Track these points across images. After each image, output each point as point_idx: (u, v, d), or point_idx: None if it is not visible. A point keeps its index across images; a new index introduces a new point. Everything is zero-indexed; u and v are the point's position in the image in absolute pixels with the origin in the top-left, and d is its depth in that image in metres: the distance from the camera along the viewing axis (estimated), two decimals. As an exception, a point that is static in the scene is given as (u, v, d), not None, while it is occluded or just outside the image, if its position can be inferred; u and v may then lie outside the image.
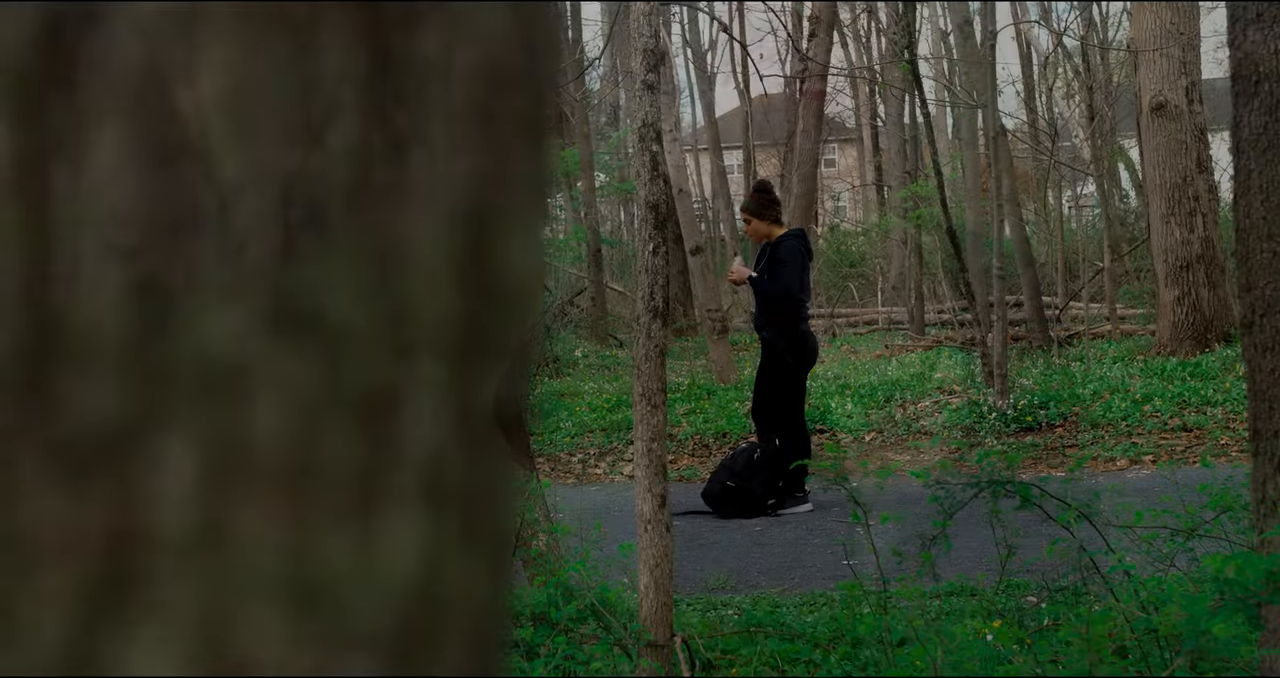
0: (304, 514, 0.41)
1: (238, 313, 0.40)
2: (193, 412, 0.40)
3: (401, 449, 0.43)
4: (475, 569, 0.45)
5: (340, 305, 0.42)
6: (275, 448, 0.41)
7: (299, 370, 0.41)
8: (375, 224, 0.42)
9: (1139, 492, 7.47)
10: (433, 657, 0.44)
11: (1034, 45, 23.37)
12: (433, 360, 0.43)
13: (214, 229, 0.40)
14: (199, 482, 0.40)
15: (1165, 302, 13.53)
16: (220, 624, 0.40)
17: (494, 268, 0.45)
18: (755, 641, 5.68)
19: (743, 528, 8.78)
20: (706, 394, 13.08)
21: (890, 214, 22.11)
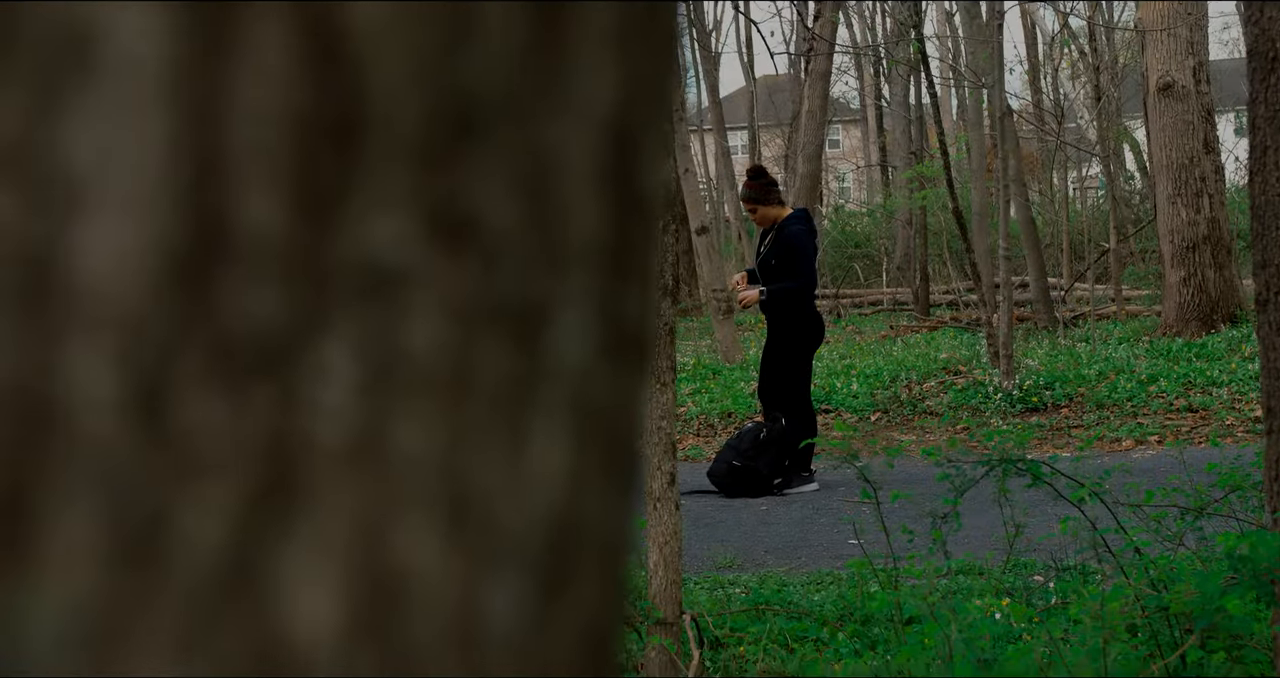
0: (458, 425, 0.41)
1: (397, 218, 0.40)
2: (354, 318, 0.40)
3: (550, 361, 0.43)
4: (611, 495, 0.45)
5: (496, 213, 0.41)
6: (432, 357, 0.41)
7: (456, 278, 0.41)
8: (530, 131, 0.42)
9: (1145, 472, 7.48)
10: (575, 583, 0.44)
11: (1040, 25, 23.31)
12: (582, 272, 0.43)
13: (374, 133, 0.40)
14: (360, 389, 0.40)
15: (1171, 282, 13.52)
16: (378, 533, 0.40)
17: (636, 183, 0.45)
18: (763, 619, 5.69)
19: (749, 507, 8.80)
20: (712, 374, 13.08)
21: (895, 195, 22.09)
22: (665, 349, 5.08)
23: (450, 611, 0.41)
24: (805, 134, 16.04)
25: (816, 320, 9.20)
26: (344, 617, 0.40)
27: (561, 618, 0.44)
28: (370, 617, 0.40)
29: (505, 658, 0.42)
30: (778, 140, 33.07)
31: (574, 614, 0.44)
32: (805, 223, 9.17)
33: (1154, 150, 13.89)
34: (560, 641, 0.43)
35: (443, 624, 0.41)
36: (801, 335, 9.08)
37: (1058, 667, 3.62)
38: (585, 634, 0.45)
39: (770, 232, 9.14)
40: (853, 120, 42.31)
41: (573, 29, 0.42)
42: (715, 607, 5.84)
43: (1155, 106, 13.53)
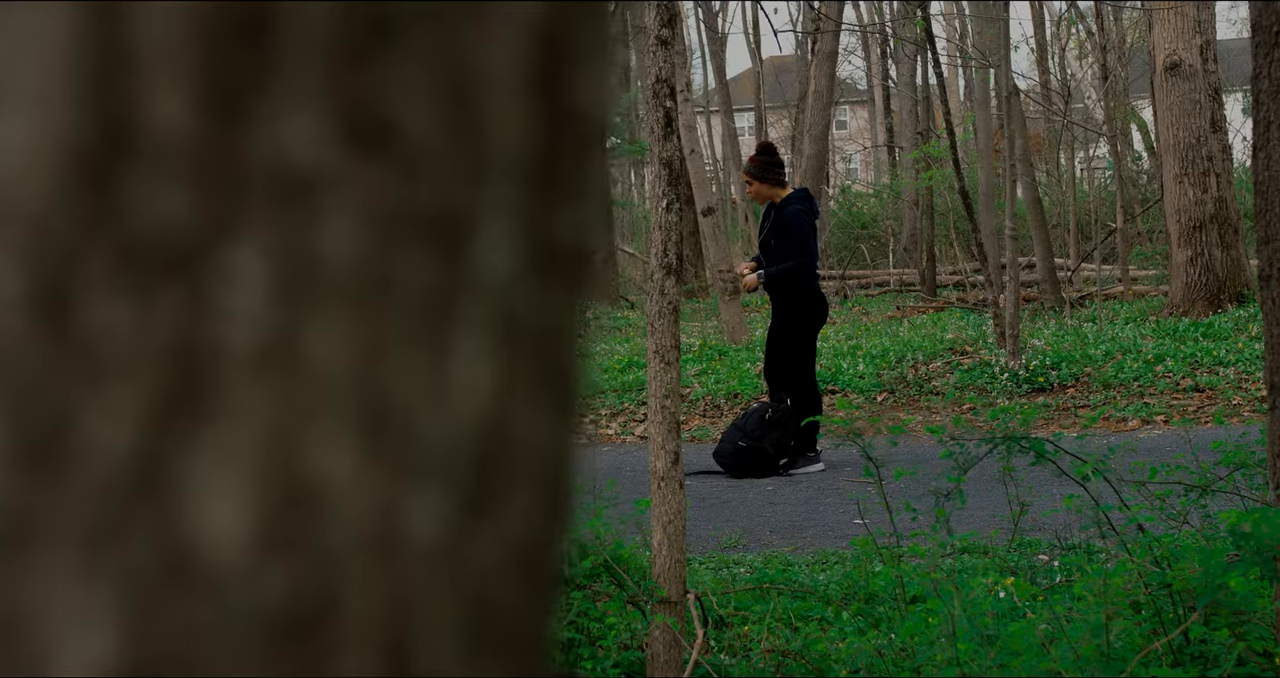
0: (376, 334, 0.41)
1: (311, 118, 0.39)
2: (266, 222, 0.39)
3: (473, 275, 0.42)
4: (545, 411, 0.44)
5: (416, 119, 0.40)
6: (348, 264, 0.40)
7: (374, 184, 0.40)
8: (450, 34, 0.41)
9: (1151, 451, 7.47)
10: (504, 500, 0.43)
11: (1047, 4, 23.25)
12: (507, 185, 0.42)
13: (284, 30, 0.39)
14: (271, 295, 0.39)
15: (1178, 262, 13.50)
16: (291, 441, 0.40)
17: (567, 94, 0.44)
18: (768, 598, 5.69)
19: (755, 487, 8.80)
20: (718, 355, 13.07)
21: (902, 175, 22.05)
22: (669, 328, 5.07)
23: (368, 521, 0.41)
24: (811, 115, 16.03)
25: (819, 300, 9.19)
26: (254, 525, 0.39)
27: (488, 533, 0.43)
28: (282, 526, 0.39)
29: (427, 570, 0.41)
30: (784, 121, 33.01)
31: (502, 530, 0.43)
32: (804, 202, 9.19)
33: (1161, 130, 13.86)
34: (486, 555, 0.43)
35: (360, 535, 0.40)
36: (804, 315, 9.08)
37: (1060, 643, 3.62)
38: (515, 551, 0.44)
39: (770, 211, 9.19)
40: (860, 101, 42.25)
41: None
42: (720, 586, 5.84)
43: (1162, 85, 13.49)
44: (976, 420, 8.44)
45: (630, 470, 8.73)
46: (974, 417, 9.36)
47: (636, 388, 11.83)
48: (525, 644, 0.44)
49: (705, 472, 9.21)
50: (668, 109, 5.07)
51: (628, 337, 15.32)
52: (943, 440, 4.87)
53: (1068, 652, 3.57)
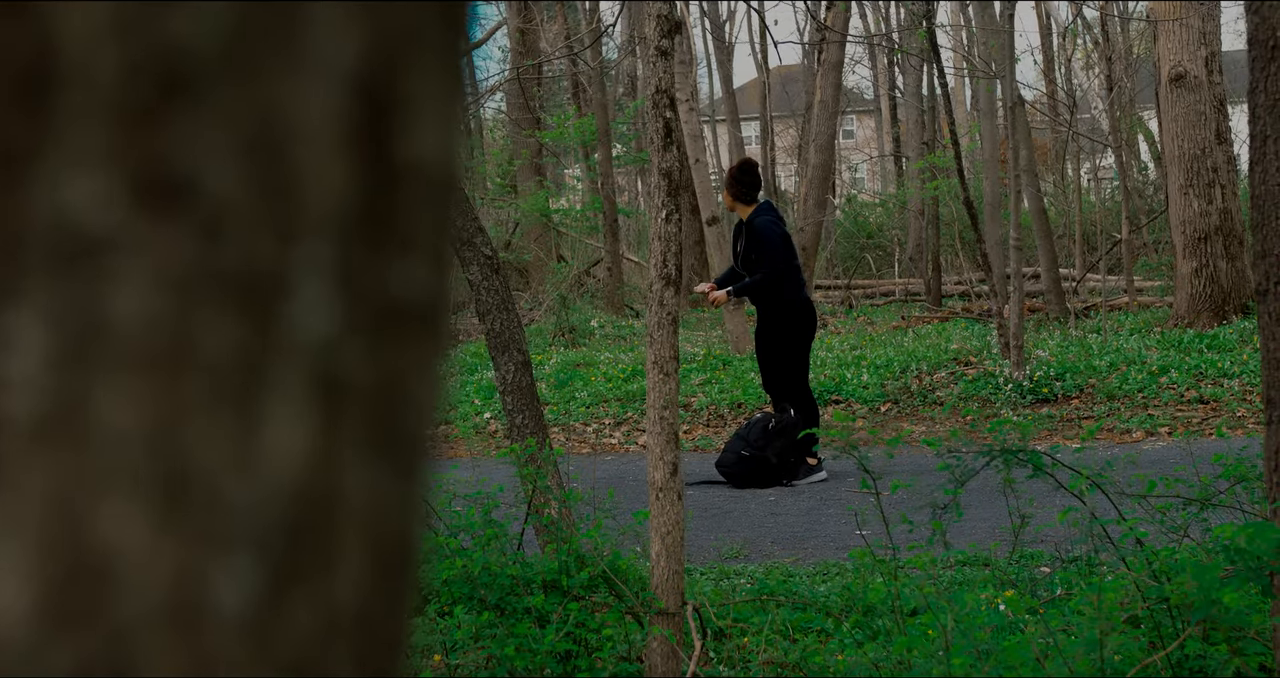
0: (173, 400, 0.39)
1: (97, 179, 0.38)
2: (47, 286, 0.38)
3: (287, 336, 0.40)
4: (379, 473, 0.42)
5: (216, 177, 0.39)
6: (140, 328, 0.38)
7: (170, 245, 0.39)
8: (254, 90, 0.39)
9: (1154, 463, 7.45)
10: (327, 565, 0.41)
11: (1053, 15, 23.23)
12: (324, 242, 0.41)
13: (66, 88, 0.37)
14: (53, 362, 0.38)
15: (1183, 273, 13.47)
16: (77, 512, 0.38)
17: (397, 148, 0.42)
18: (767, 609, 5.68)
19: (757, 498, 8.79)
20: (722, 364, 13.07)
21: (908, 185, 22.04)
22: (668, 339, 5.07)
23: (166, 592, 0.39)
24: (817, 124, 16.02)
25: (805, 309, 9.20)
26: (37, 599, 0.38)
27: (306, 601, 0.41)
28: (68, 599, 0.38)
29: (236, 641, 0.40)
30: (791, 131, 33.00)
31: (325, 597, 0.42)
32: (770, 214, 9.28)
33: (1166, 141, 13.84)
34: (304, 624, 0.41)
35: (157, 606, 0.39)
36: (789, 324, 9.09)
37: (1055, 659, 3.60)
38: (342, 618, 0.42)
39: (741, 226, 9.29)
40: (866, 110, 42.22)
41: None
42: (719, 597, 5.83)
43: (1167, 97, 13.48)
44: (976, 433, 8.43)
45: (632, 480, 8.72)
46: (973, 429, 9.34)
47: (640, 397, 11.81)
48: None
49: (708, 481, 9.20)
50: (667, 120, 5.07)
51: (632, 345, 15.31)
52: (940, 453, 4.86)
53: (1063, 668, 3.56)
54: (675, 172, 5.09)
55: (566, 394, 12.50)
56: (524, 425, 6.28)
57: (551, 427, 10.94)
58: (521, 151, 21.17)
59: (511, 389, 6.28)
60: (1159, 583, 4.01)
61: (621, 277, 20.24)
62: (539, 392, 7.19)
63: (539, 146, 21.44)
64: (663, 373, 5.04)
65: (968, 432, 8.19)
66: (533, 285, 20.49)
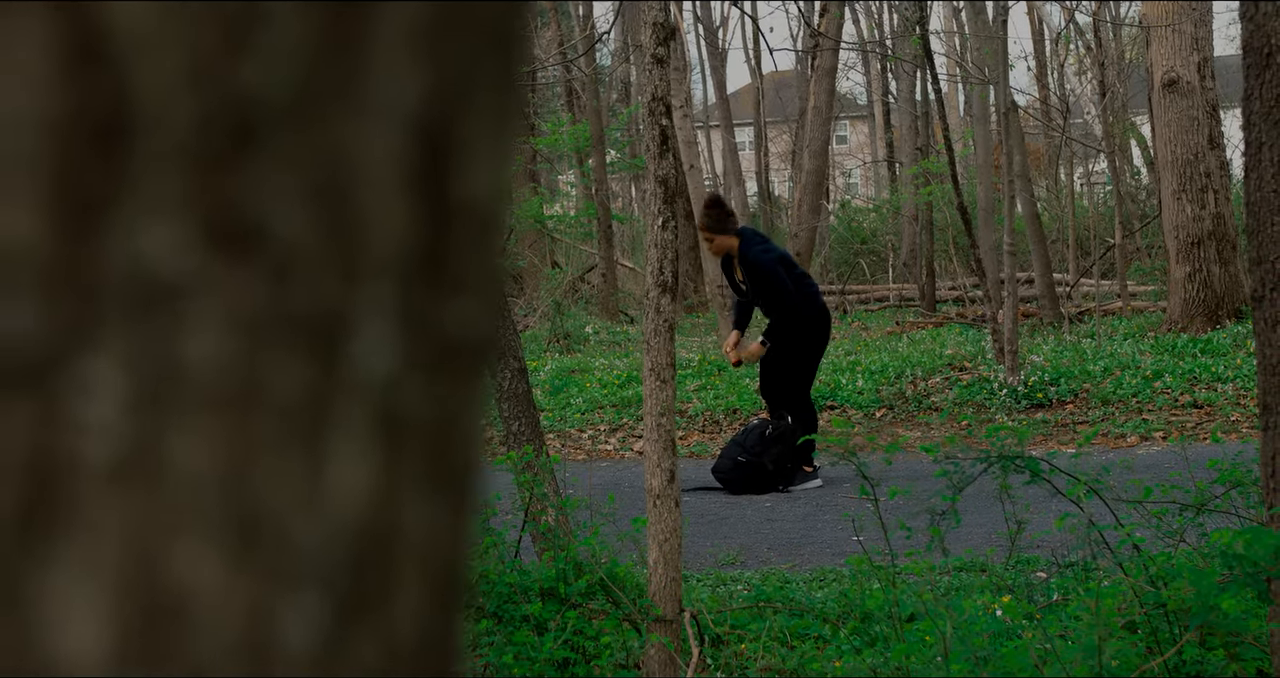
0: (244, 442, 0.40)
1: (172, 226, 0.39)
2: (123, 332, 0.39)
3: (351, 375, 0.41)
4: (435, 507, 0.44)
5: (285, 221, 0.40)
6: (213, 371, 0.39)
7: (241, 288, 0.40)
8: (321, 135, 0.40)
9: (1149, 468, 7.47)
10: (388, 598, 0.43)
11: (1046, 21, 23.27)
12: (387, 283, 0.42)
13: (142, 137, 0.38)
14: (130, 405, 0.39)
15: (1176, 278, 13.50)
16: (153, 553, 0.39)
17: (453, 188, 0.43)
18: (764, 616, 5.69)
19: (753, 504, 8.80)
20: (717, 371, 13.07)
21: (902, 190, 22.06)
22: (665, 346, 5.07)
23: (239, 630, 0.40)
24: (811, 130, 16.04)
25: (822, 320, 9.20)
26: (114, 640, 0.39)
27: (370, 634, 0.42)
28: (145, 639, 0.39)
29: (305, 676, 0.41)
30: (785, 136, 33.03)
31: (386, 630, 0.43)
32: (758, 241, 9.22)
33: (1159, 146, 13.86)
34: (369, 657, 0.42)
35: (230, 644, 0.40)
36: (807, 337, 9.11)
37: (1053, 664, 3.61)
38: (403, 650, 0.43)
39: (732, 262, 9.19)
40: (860, 116, 42.28)
41: (371, 27, 0.40)
42: (717, 604, 5.83)
43: (1160, 102, 13.50)
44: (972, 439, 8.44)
45: (629, 486, 8.73)
46: (969, 435, 9.35)
47: (635, 403, 11.83)
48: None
49: (704, 488, 9.20)
50: (664, 127, 5.08)
51: (627, 351, 15.32)
52: (937, 459, 4.87)
53: (1061, 673, 3.57)
54: (671, 179, 5.10)
55: (562, 401, 12.50)
56: (520, 433, 6.29)
57: (547, 433, 10.94)
58: (515, 158, 21.14)
59: (507, 396, 6.28)
60: (1156, 589, 4.02)
61: (616, 283, 20.24)
62: (534, 398, 7.19)
63: (533, 153, 21.46)
64: (660, 380, 5.05)
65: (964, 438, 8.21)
66: (527, 292, 20.50)
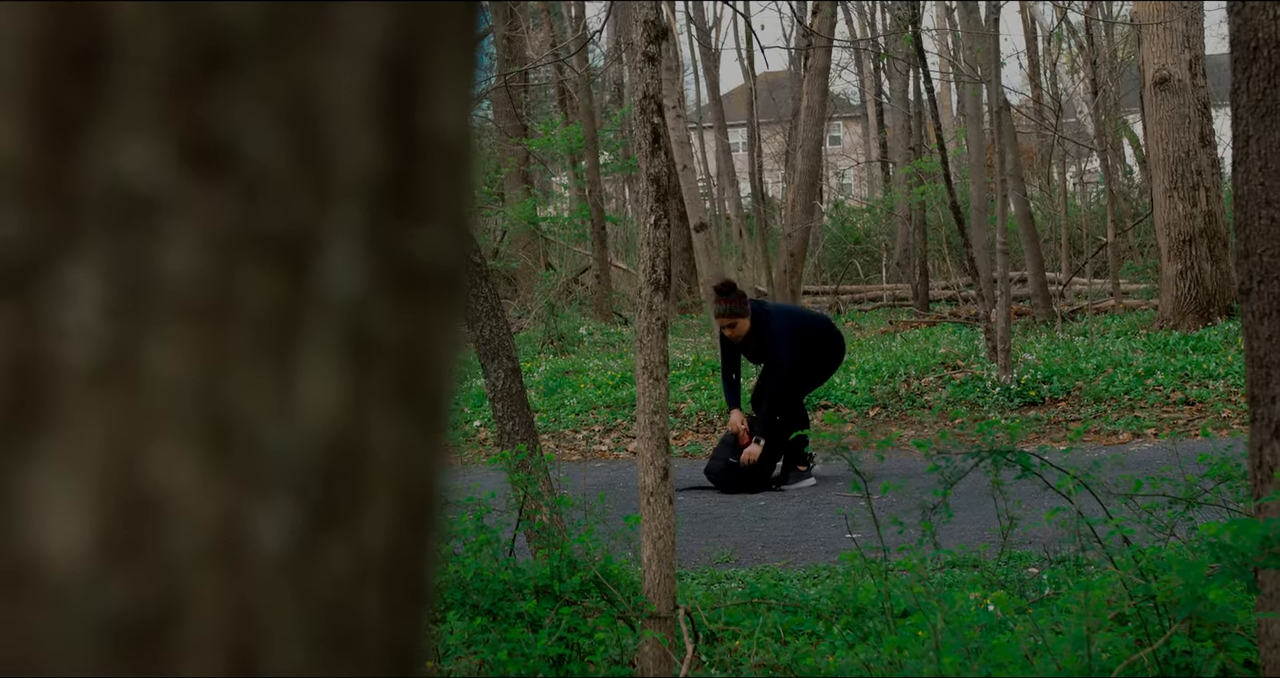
0: (217, 351, 0.42)
1: (148, 145, 0.41)
2: (103, 242, 0.41)
3: (320, 293, 0.43)
4: (404, 426, 0.46)
5: (257, 143, 0.42)
6: (188, 283, 0.41)
7: (213, 205, 0.42)
8: (290, 65, 0.42)
9: (1141, 464, 7.49)
10: (357, 511, 0.44)
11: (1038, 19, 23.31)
12: (354, 206, 0.44)
13: (119, 60, 0.40)
14: (108, 312, 0.41)
15: (1168, 276, 13.53)
16: (131, 454, 0.41)
17: (420, 119, 0.45)
18: (758, 612, 5.70)
19: (747, 502, 8.81)
20: (711, 371, 13.08)
21: (895, 190, 22.09)
22: (658, 344, 5.09)
23: (212, 531, 0.42)
24: (804, 130, 16.05)
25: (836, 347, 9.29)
26: (96, 535, 0.40)
27: (340, 543, 0.44)
28: (124, 535, 0.41)
29: (275, 579, 0.43)
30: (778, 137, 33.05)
31: (357, 540, 0.45)
32: (777, 314, 9.26)
33: (1150, 144, 13.89)
34: (339, 565, 0.44)
35: (204, 544, 0.42)
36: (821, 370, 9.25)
37: (1043, 656, 3.63)
38: (373, 561, 0.45)
39: (750, 339, 9.19)
40: (854, 116, 42.29)
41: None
42: (711, 601, 5.85)
43: (1151, 100, 13.53)
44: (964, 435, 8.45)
45: (623, 486, 8.74)
46: (961, 431, 9.37)
47: (629, 404, 11.84)
48: (385, 653, 0.45)
49: (697, 487, 9.22)
50: (655, 125, 5.09)
51: (621, 352, 15.33)
52: (929, 455, 4.88)
53: (1051, 665, 3.59)
54: (663, 177, 5.11)
55: (556, 401, 12.52)
56: (514, 432, 6.30)
57: (541, 434, 10.95)
58: (509, 159, 21.19)
59: (501, 396, 6.30)
60: (1146, 581, 4.04)
61: (610, 284, 20.25)
62: (528, 399, 7.21)
63: (526, 154, 21.47)
64: (653, 378, 5.06)
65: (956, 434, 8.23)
66: (521, 293, 20.50)
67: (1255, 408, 3.71)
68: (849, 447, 5.11)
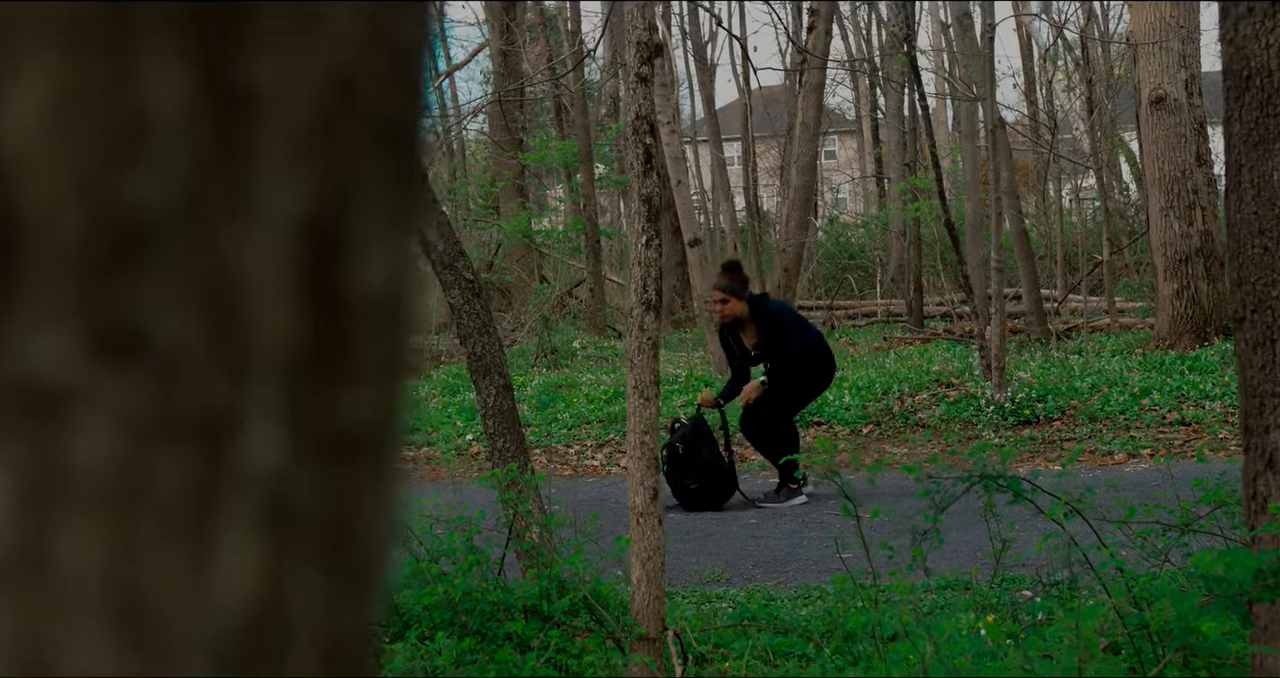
0: (130, 536, 0.41)
1: (60, 336, 0.40)
2: (11, 436, 0.40)
3: (239, 471, 0.42)
4: (329, 592, 0.45)
5: (170, 326, 0.41)
6: (99, 470, 0.40)
7: (126, 393, 0.41)
8: (205, 242, 0.41)
9: (1136, 485, 7.47)
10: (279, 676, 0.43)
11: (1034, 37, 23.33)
12: (274, 380, 0.43)
13: (29, 251, 0.39)
14: (18, 505, 0.40)
15: (1164, 295, 13.52)
16: (40, 642, 0.40)
17: (344, 282, 0.44)
18: (748, 634, 5.67)
19: (738, 521, 8.79)
20: (704, 386, 13.06)
21: (890, 206, 22.09)
22: (649, 364, 5.08)
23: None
24: (799, 146, 16.05)
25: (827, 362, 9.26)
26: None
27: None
28: None
29: None
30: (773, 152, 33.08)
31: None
32: (771, 301, 9.32)
33: (1146, 163, 13.90)
34: None
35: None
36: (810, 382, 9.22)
37: (1034, 686, 3.60)
38: None
39: (738, 327, 9.20)
40: (849, 131, 42.34)
41: (252, 136, 0.41)
42: (701, 622, 5.82)
43: (1147, 119, 13.54)
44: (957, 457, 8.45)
45: (614, 503, 8.72)
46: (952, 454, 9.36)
47: (622, 419, 11.81)
48: None
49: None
50: (647, 146, 5.08)
51: (614, 367, 15.31)
52: (920, 479, 4.86)
53: (1041, 694, 3.56)
54: (656, 197, 5.10)
55: (548, 416, 12.49)
56: (505, 449, 6.28)
57: (533, 448, 10.93)
58: (504, 173, 21.20)
59: (493, 413, 6.28)
60: (1139, 609, 4.02)
61: (604, 298, 20.24)
62: (521, 413, 7.18)
63: (521, 168, 21.47)
64: (643, 398, 5.05)
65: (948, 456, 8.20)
66: (515, 306, 20.50)
67: (1249, 438, 3.69)
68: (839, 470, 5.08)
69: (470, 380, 6.33)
